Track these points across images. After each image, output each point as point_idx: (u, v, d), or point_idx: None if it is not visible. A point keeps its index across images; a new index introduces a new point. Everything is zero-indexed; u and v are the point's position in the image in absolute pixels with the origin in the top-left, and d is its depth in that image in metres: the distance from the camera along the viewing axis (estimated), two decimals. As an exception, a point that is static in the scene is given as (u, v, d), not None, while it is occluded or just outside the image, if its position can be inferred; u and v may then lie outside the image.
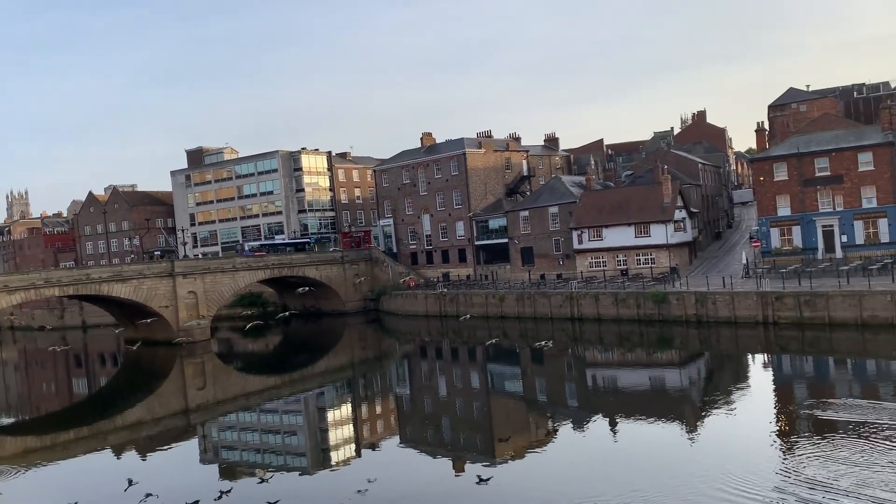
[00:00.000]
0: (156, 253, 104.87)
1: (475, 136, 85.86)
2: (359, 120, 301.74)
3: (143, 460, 34.12)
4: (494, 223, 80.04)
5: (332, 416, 41.98)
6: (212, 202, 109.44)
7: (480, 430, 35.58)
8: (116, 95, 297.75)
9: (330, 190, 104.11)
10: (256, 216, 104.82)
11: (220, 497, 24.15)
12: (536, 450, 30.15)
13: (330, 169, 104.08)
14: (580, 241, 70.12)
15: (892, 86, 74.89)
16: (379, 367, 57.54)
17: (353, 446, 33.83)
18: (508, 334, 62.56)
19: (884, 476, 21.88)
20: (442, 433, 35.25)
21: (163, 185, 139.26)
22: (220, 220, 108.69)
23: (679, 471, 24.35)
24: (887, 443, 24.74)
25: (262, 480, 26.14)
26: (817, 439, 25.99)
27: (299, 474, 30.52)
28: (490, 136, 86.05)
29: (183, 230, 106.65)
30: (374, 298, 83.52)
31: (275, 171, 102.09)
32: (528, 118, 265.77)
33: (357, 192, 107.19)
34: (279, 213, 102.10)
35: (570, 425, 34.24)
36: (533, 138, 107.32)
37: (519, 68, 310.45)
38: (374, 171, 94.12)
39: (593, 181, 75.97)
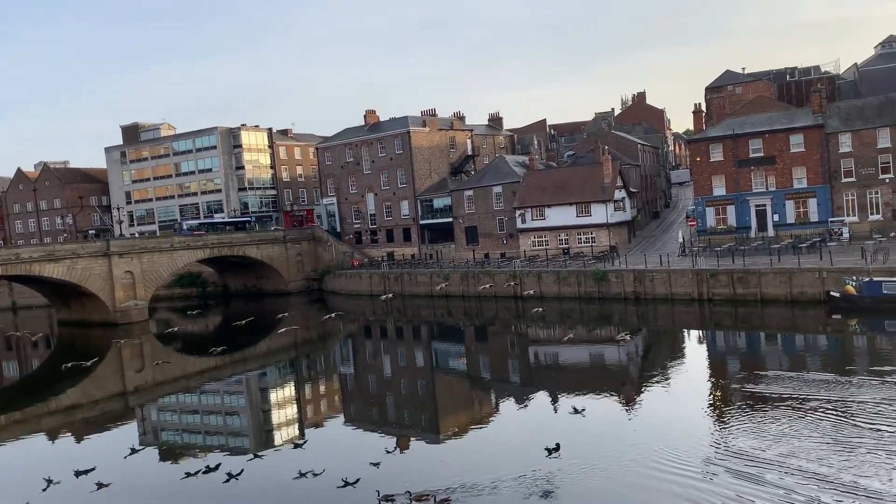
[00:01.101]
0: (90, 232, 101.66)
1: (419, 115, 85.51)
2: (300, 97, 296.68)
3: (79, 444, 33.29)
4: (439, 202, 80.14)
5: (275, 396, 41.66)
6: (148, 180, 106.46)
7: (425, 407, 35.88)
8: (46, 68, 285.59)
9: (271, 168, 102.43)
10: (195, 194, 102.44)
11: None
12: (479, 425, 30.58)
13: (271, 146, 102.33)
14: (523, 221, 70.86)
15: (823, 70, 77.39)
16: (322, 348, 57.25)
17: (296, 426, 33.68)
18: (453, 313, 63.04)
19: (808, 445, 22.94)
20: (386, 411, 35.39)
21: (97, 161, 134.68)
22: (158, 198, 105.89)
23: (616, 443, 25.04)
24: (812, 414, 25.91)
25: (209, 469, 25.77)
26: (747, 412, 27.06)
27: (242, 455, 30.25)
28: (434, 115, 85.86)
29: (118, 208, 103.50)
30: (318, 278, 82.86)
31: (213, 148, 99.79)
32: (471, 98, 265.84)
33: (299, 170, 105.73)
34: (218, 191, 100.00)
35: (513, 401, 34.81)
36: (477, 118, 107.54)
37: (462, 47, 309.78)
38: (317, 148, 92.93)
39: (536, 161, 76.70)
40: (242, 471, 25.12)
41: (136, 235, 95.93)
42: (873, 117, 58.74)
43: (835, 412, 25.84)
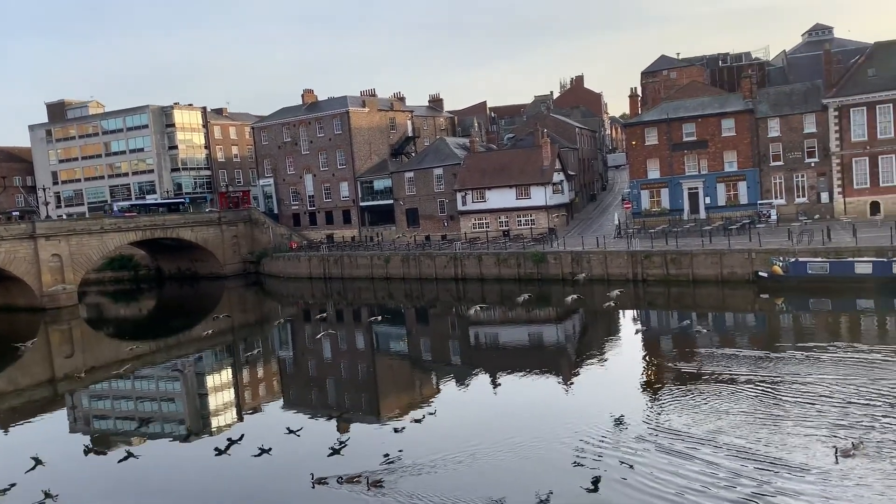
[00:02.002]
0: (14, 214, 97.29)
1: (359, 95, 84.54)
2: (236, 76, 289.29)
3: (6, 434, 32.04)
4: (379, 184, 79.64)
5: (211, 381, 40.87)
6: (76, 159, 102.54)
7: (365, 389, 35.80)
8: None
9: (205, 147, 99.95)
10: (126, 175, 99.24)
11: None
12: (420, 406, 30.67)
13: (205, 125, 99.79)
14: (464, 203, 71.07)
15: (753, 56, 79.60)
16: (260, 332, 56.41)
17: (234, 411, 33.15)
18: (394, 295, 62.93)
19: (736, 421, 23.75)
20: (326, 395, 35.17)
21: (21, 140, 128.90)
22: (86, 179, 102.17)
23: (552, 421, 25.44)
24: (741, 390, 26.86)
25: (128, 455, 25.18)
26: (679, 389, 27.85)
27: (177, 441, 29.64)
28: (374, 96, 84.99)
29: (44, 189, 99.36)
30: (255, 261, 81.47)
31: (145, 126, 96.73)
32: (412, 79, 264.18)
33: (235, 150, 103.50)
34: (150, 171, 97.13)
35: (454, 381, 35.03)
36: (417, 99, 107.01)
37: (402, 29, 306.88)
38: (253, 128, 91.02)
39: (477, 144, 76.87)
40: (177, 455, 24.61)
41: (64, 217, 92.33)
42: (800, 103, 60.83)
43: (762, 388, 26.85)
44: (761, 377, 28.15)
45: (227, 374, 42.84)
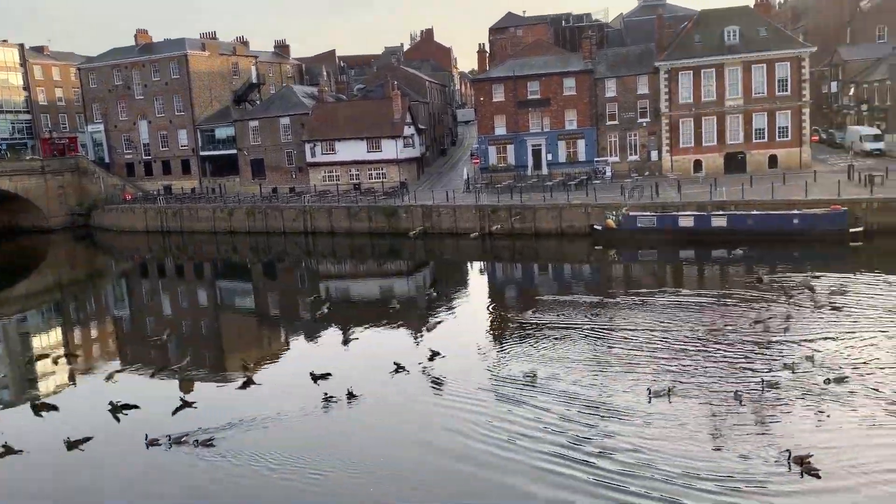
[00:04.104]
0: None
1: (198, 38, 79.68)
2: (58, 11, 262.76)
3: None
4: (221, 133, 76.02)
5: (39, 342, 37.83)
6: None
7: (210, 347, 34.67)
8: None
9: (24, 89, 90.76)
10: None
11: None
12: (268, 363, 30.19)
13: (23, 64, 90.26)
14: (313, 155, 69.52)
15: (594, 17, 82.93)
16: (93, 289, 52.85)
17: (65, 374, 30.98)
18: (239, 250, 60.96)
19: (570, 367, 25.14)
20: (167, 354, 33.68)
21: None
22: None
23: (398, 374, 25.95)
24: (577, 338, 28.52)
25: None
26: (520, 338, 29.12)
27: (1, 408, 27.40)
28: (215, 39, 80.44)
29: None
30: (85, 213, 75.60)
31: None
32: (256, 24, 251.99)
33: (59, 92, 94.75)
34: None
35: (303, 337, 34.67)
36: (262, 45, 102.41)
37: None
38: (80, 69, 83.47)
39: (326, 93, 75.10)
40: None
41: None
42: (635, 65, 64.31)
43: (596, 335, 28.72)
44: (595, 325, 30.07)
45: (55, 335, 39.80)
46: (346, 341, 32.37)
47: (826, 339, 26.02)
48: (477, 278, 47.49)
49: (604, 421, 20.81)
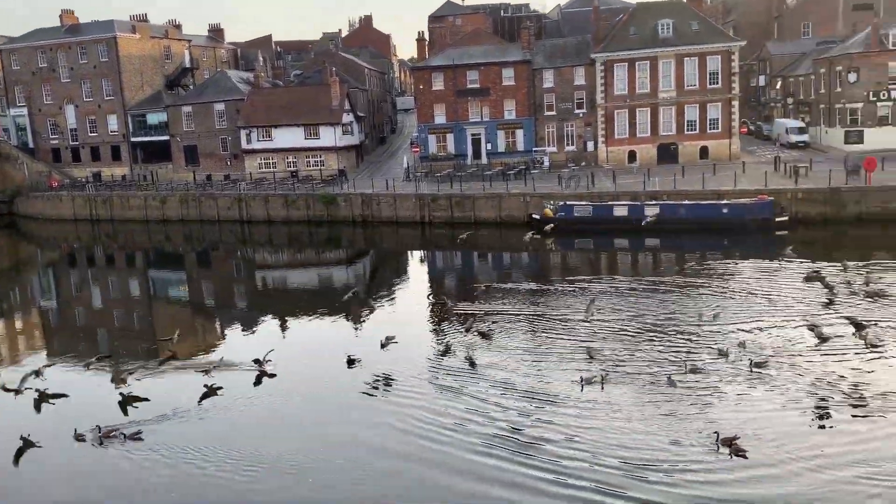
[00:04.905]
0: None
1: (128, 20, 77.02)
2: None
3: None
4: (153, 118, 73.74)
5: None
6: None
7: (142, 338, 33.75)
8: None
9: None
10: None
11: None
12: (202, 353, 29.60)
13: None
14: (249, 141, 68.17)
15: (532, 8, 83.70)
16: (17, 279, 50.75)
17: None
18: (172, 238, 59.49)
19: (508, 355, 25.43)
20: (98, 345, 32.68)
21: None
22: None
23: (337, 363, 25.75)
24: (515, 326, 28.90)
25: None
26: (461, 327, 29.22)
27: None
28: (146, 21, 77.86)
29: None
30: (7, 201, 72.34)
31: None
32: (189, 7, 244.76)
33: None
34: None
35: (239, 326, 34.11)
36: (196, 28, 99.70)
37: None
38: (0, 50, 79.55)
39: (263, 79, 73.66)
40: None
41: None
42: (572, 56, 65.10)
43: (533, 323, 29.15)
44: (532, 312, 30.52)
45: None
46: (282, 330, 31.99)
47: (754, 324, 26.98)
48: (417, 267, 47.53)
49: (539, 409, 21.11)
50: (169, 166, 72.75)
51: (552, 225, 43.39)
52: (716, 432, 18.65)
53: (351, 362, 25.49)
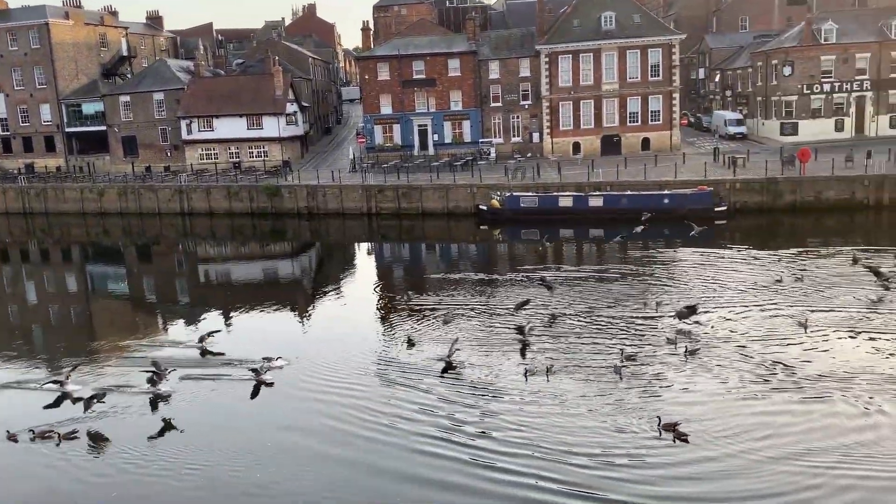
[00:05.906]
0: None
1: (61, 6, 74.28)
2: None
3: None
4: (89, 108, 71.36)
5: None
6: None
7: (81, 335, 32.70)
8: None
9: None
10: None
11: None
12: (143, 349, 28.84)
13: None
14: (189, 132, 66.57)
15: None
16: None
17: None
18: (110, 232, 57.80)
19: (459, 347, 25.58)
20: (33, 343, 31.57)
21: None
22: None
23: (286, 355, 25.46)
24: (462, 317, 28.92)
25: None
26: (406, 319, 29.11)
27: None
28: (80, 7, 75.23)
29: None
30: (-67, 193, 69.11)
31: None
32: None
33: None
34: None
35: (182, 321, 33.35)
36: (133, 15, 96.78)
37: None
38: (-77, 35, 75.78)
39: (203, 67, 71.93)
40: None
41: None
42: (517, 47, 65.41)
43: (480, 315, 29.23)
44: (479, 304, 30.62)
45: None
46: (226, 324, 31.44)
47: (698, 311, 27.57)
48: (364, 259, 47.24)
49: (485, 400, 21.19)
50: (107, 157, 70.53)
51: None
52: (658, 417, 19.05)
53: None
